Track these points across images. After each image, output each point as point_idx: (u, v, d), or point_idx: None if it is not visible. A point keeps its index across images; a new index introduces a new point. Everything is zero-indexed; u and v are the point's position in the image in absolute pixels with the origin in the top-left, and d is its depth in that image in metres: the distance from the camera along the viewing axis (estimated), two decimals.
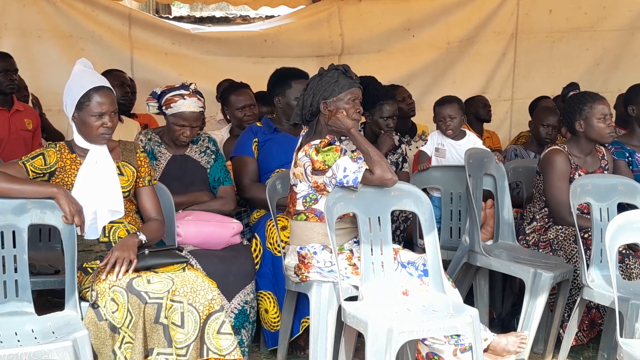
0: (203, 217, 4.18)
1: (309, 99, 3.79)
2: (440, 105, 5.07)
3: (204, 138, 4.53)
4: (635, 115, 4.80)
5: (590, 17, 7.86)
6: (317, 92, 3.77)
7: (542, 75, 7.75)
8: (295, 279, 3.80)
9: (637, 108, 4.79)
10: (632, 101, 4.83)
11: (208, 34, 7.43)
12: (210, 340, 3.30)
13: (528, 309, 4.01)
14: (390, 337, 3.23)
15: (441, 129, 5.03)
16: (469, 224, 4.44)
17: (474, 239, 4.35)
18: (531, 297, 4.01)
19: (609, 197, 4.04)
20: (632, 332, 3.35)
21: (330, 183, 3.64)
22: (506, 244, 4.51)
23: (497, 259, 4.26)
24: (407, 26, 7.49)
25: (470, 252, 4.39)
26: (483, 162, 4.58)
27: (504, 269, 4.23)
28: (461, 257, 4.47)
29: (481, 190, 4.54)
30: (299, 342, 4.17)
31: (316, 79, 3.81)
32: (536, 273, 4.00)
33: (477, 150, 4.70)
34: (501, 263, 4.23)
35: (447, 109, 5.01)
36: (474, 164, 4.50)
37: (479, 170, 4.53)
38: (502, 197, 4.58)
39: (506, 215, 4.55)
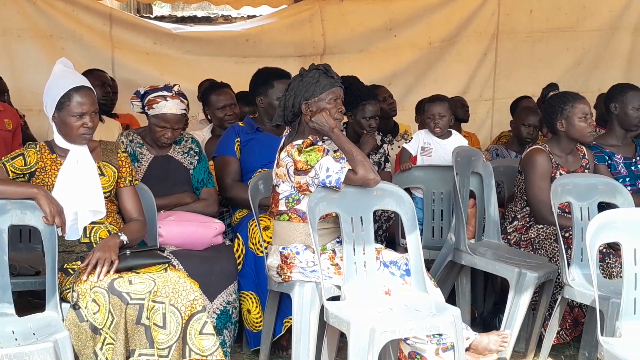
0: (185, 217, 4.16)
1: (290, 99, 3.78)
2: (431, 103, 5.07)
3: (187, 139, 4.51)
4: (617, 113, 4.80)
5: (570, 17, 7.91)
6: (298, 93, 3.76)
7: (523, 75, 7.78)
8: (278, 279, 3.80)
9: (621, 106, 4.78)
10: (616, 99, 4.80)
11: (190, 34, 7.41)
12: (193, 340, 3.29)
13: (511, 308, 4.02)
14: (373, 336, 3.23)
15: (429, 127, 5.02)
16: (455, 222, 4.44)
17: (460, 237, 4.35)
18: (515, 296, 4.02)
19: (590, 196, 4.06)
20: (612, 330, 3.37)
21: (313, 183, 3.64)
22: (491, 243, 4.52)
23: (482, 257, 4.27)
24: (389, 26, 7.50)
25: (455, 250, 4.40)
26: (470, 160, 4.58)
27: (488, 268, 4.24)
28: (446, 255, 4.47)
29: (468, 189, 4.55)
30: (282, 342, 4.16)
31: (297, 80, 3.80)
32: (521, 273, 4.01)
33: (465, 149, 4.70)
34: (486, 262, 4.24)
35: (438, 107, 5.02)
36: (462, 162, 4.50)
37: (467, 169, 4.53)
38: (489, 195, 4.58)
39: (492, 213, 4.56)
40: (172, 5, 11.45)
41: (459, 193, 4.38)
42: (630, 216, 3.41)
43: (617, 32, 8.04)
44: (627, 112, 4.76)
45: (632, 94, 4.79)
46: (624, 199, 4.04)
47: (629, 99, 4.76)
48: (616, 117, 4.82)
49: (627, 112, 4.76)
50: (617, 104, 4.79)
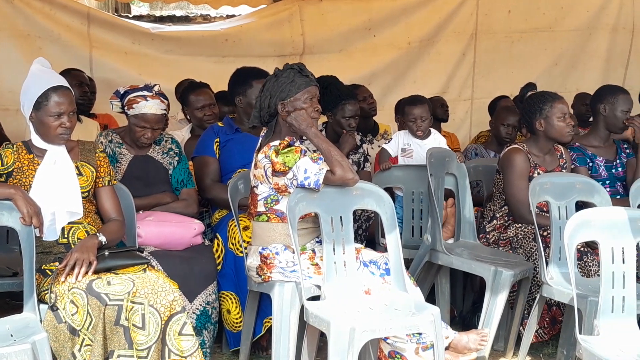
0: (164, 217, 4.15)
1: (266, 100, 3.76)
2: (411, 105, 5.07)
3: (167, 139, 4.50)
4: (607, 115, 4.80)
5: (548, 17, 7.96)
6: (274, 93, 3.74)
7: (502, 75, 7.83)
8: (258, 279, 3.79)
9: (611, 108, 4.77)
10: (606, 100, 4.79)
11: (168, 33, 7.38)
12: (172, 341, 3.28)
13: (489, 307, 4.05)
14: (353, 336, 3.23)
15: (411, 129, 5.02)
16: (431, 223, 4.47)
17: (436, 238, 4.38)
18: (492, 295, 4.05)
19: (567, 195, 4.09)
20: (590, 329, 3.39)
21: (292, 185, 3.63)
22: (467, 243, 4.55)
23: (458, 257, 4.29)
24: (368, 26, 7.52)
25: (432, 250, 4.42)
26: (445, 161, 4.61)
27: (465, 267, 4.27)
28: (423, 255, 4.49)
29: (443, 189, 4.57)
30: (262, 342, 4.16)
31: (272, 80, 3.78)
32: (497, 271, 4.03)
33: (438, 150, 4.73)
34: (462, 261, 4.27)
35: (419, 109, 5.03)
36: (436, 163, 4.53)
37: (441, 170, 4.56)
38: (464, 196, 4.62)
39: (467, 214, 4.59)
40: (150, 5, 11.41)
41: (434, 194, 4.40)
42: (608, 215, 3.43)
43: (594, 32, 8.10)
44: (617, 115, 4.77)
45: (623, 97, 4.82)
46: (602, 198, 4.07)
47: (619, 102, 4.78)
48: (604, 119, 4.81)
49: (616, 114, 4.77)
50: (606, 105, 4.78)
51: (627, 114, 4.79)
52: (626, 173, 4.81)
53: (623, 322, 3.29)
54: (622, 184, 4.82)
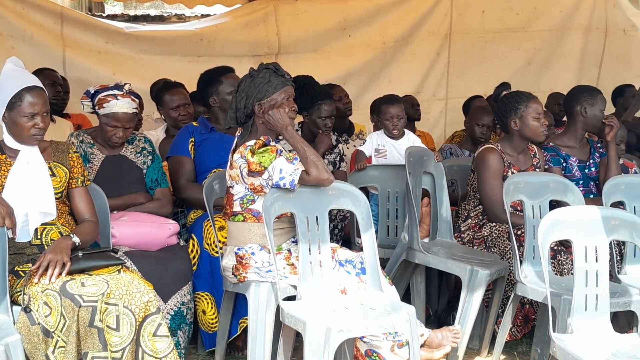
0: (138, 218, 4.12)
1: (242, 100, 3.75)
2: (387, 105, 5.08)
3: (139, 138, 4.47)
4: (587, 115, 4.81)
5: (521, 17, 8.02)
6: (250, 94, 3.72)
7: (476, 75, 7.87)
8: (233, 280, 3.78)
9: (590, 108, 4.79)
10: (585, 100, 4.80)
11: (142, 33, 7.34)
12: (146, 343, 3.26)
13: (464, 306, 4.06)
14: (329, 335, 3.23)
15: (387, 128, 5.03)
16: (408, 222, 4.48)
17: (413, 237, 4.38)
18: (467, 293, 4.06)
19: (541, 194, 4.12)
20: (564, 327, 3.42)
21: (267, 185, 3.63)
22: (444, 242, 4.56)
23: (435, 256, 4.31)
24: (343, 26, 7.53)
25: (409, 249, 4.43)
26: (422, 160, 4.62)
27: (441, 266, 4.28)
28: (400, 254, 4.50)
29: (420, 188, 4.58)
30: (237, 343, 4.15)
31: (247, 80, 3.76)
32: (473, 270, 4.05)
33: (416, 149, 4.73)
34: (439, 260, 4.28)
35: (395, 108, 5.04)
36: (414, 162, 4.53)
37: (419, 168, 4.56)
38: (441, 195, 4.62)
39: (444, 213, 4.60)
40: (124, 4, 11.33)
41: (412, 192, 4.41)
42: (581, 214, 3.46)
43: (567, 33, 8.17)
44: (597, 115, 4.80)
45: (601, 97, 4.85)
46: (575, 196, 4.11)
47: (599, 102, 4.81)
48: (584, 119, 4.81)
49: (596, 114, 4.79)
50: (586, 106, 4.79)
51: (603, 114, 4.84)
52: (599, 172, 4.85)
53: (596, 320, 3.31)
54: (595, 183, 4.86)
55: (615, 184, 4.20)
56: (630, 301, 3.67)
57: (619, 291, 3.72)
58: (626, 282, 3.96)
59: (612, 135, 4.74)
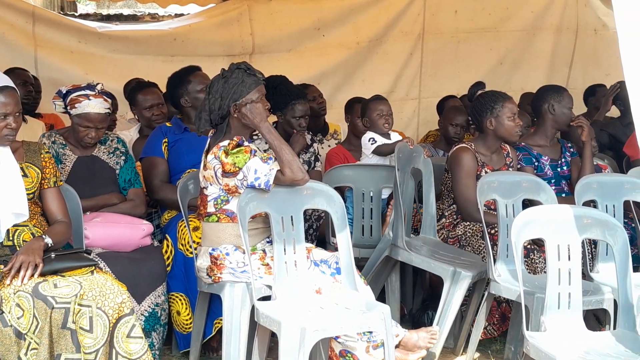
0: (112, 218, 4.10)
1: (216, 102, 3.71)
2: (376, 102, 5.06)
3: (112, 138, 4.44)
4: (556, 113, 4.86)
5: (493, 17, 8.07)
6: (225, 95, 3.69)
7: (448, 75, 7.91)
8: (208, 280, 3.77)
9: (558, 106, 4.83)
10: (552, 99, 4.84)
11: (115, 32, 7.28)
12: (120, 344, 3.24)
13: (444, 306, 4.06)
14: (304, 335, 3.23)
15: (378, 125, 4.97)
16: (394, 218, 4.44)
17: (398, 234, 4.36)
18: (449, 294, 4.05)
19: (514, 193, 4.15)
20: (537, 325, 3.44)
21: (242, 185, 3.62)
22: (427, 239, 4.53)
23: (418, 254, 4.27)
24: (317, 26, 7.53)
25: (392, 245, 4.40)
26: (412, 156, 4.60)
27: (424, 265, 4.26)
28: (383, 249, 4.46)
29: (408, 185, 4.57)
30: (212, 343, 4.14)
31: (220, 82, 3.73)
32: (455, 272, 4.04)
33: (406, 145, 4.70)
34: (422, 259, 4.25)
35: (384, 105, 5.03)
36: (403, 158, 4.51)
37: (408, 164, 4.55)
38: (428, 192, 4.58)
39: (430, 209, 4.57)
40: (97, 3, 11.26)
41: (400, 188, 4.39)
42: (554, 213, 3.49)
43: (539, 33, 8.23)
44: (564, 112, 4.84)
45: (567, 94, 4.90)
46: (547, 195, 4.14)
47: (565, 99, 4.86)
48: (552, 117, 4.86)
49: (564, 111, 4.84)
50: (554, 104, 4.83)
51: (571, 111, 4.88)
52: (571, 172, 4.89)
53: (569, 318, 3.34)
54: (567, 182, 4.90)
55: (588, 182, 4.24)
56: (603, 299, 3.70)
57: (591, 289, 3.75)
58: (598, 280, 4.00)
59: (585, 135, 4.79)
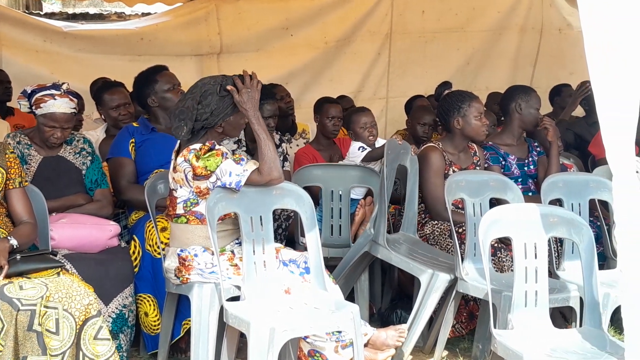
0: (78, 219, 4.06)
1: (204, 115, 3.62)
2: (359, 114, 5.04)
3: (78, 139, 4.40)
4: (523, 113, 4.90)
5: (460, 18, 8.13)
6: (216, 112, 3.62)
7: (416, 74, 7.95)
8: (176, 281, 3.75)
9: (526, 106, 4.87)
10: (520, 99, 4.88)
11: (81, 32, 7.23)
12: (87, 346, 3.22)
13: (419, 307, 4.05)
14: (273, 336, 3.23)
15: (362, 137, 4.95)
16: (377, 215, 4.42)
17: (379, 231, 4.33)
18: (424, 295, 4.04)
19: (482, 192, 4.17)
20: (505, 323, 3.47)
21: (214, 186, 3.60)
22: (407, 237, 4.52)
23: (397, 254, 4.25)
24: (286, 25, 7.53)
25: (372, 242, 4.37)
26: (400, 153, 4.59)
27: (403, 265, 4.24)
28: (362, 244, 4.44)
29: (393, 181, 4.56)
30: (180, 344, 4.11)
31: (215, 97, 3.62)
32: (434, 274, 4.03)
33: (395, 142, 4.68)
34: (400, 259, 4.23)
35: (367, 117, 5.00)
36: (392, 155, 4.49)
37: (395, 161, 4.53)
38: (412, 189, 4.57)
39: (414, 207, 4.55)
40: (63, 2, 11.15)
41: (385, 185, 4.38)
42: (520, 211, 3.52)
43: (504, 33, 8.32)
44: (532, 112, 4.89)
45: (535, 95, 4.95)
46: (514, 194, 4.17)
47: (533, 99, 4.90)
48: (519, 117, 4.90)
49: (531, 111, 4.89)
50: (521, 104, 4.87)
51: (538, 112, 4.93)
52: (538, 171, 4.94)
53: (536, 315, 3.37)
54: (533, 181, 4.95)
55: (554, 181, 4.28)
56: (569, 297, 3.74)
57: (558, 287, 3.79)
58: (564, 278, 4.04)
59: (551, 135, 4.84)
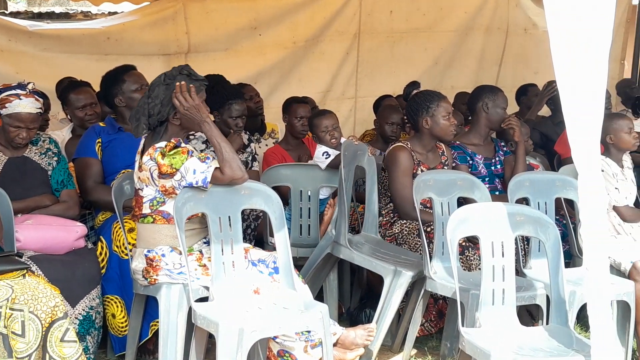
0: (44, 220, 4.02)
1: (156, 107, 3.66)
2: (320, 117, 4.98)
3: (44, 139, 4.35)
4: (489, 112, 4.94)
5: (428, 18, 8.17)
6: (165, 102, 3.65)
7: (384, 74, 7.98)
8: (144, 282, 3.72)
9: (492, 105, 4.91)
10: (487, 98, 4.93)
11: (47, 31, 7.14)
12: (53, 348, 3.19)
13: (384, 305, 4.08)
14: (242, 336, 3.22)
15: (324, 140, 4.91)
16: (338, 216, 4.43)
17: (340, 231, 4.35)
18: (389, 293, 4.07)
19: (449, 191, 4.20)
20: (472, 321, 3.50)
21: (180, 186, 3.58)
22: (369, 237, 4.54)
23: (360, 253, 4.28)
24: (254, 25, 7.51)
25: (334, 243, 4.39)
26: (357, 154, 4.61)
27: (365, 263, 4.27)
28: (325, 246, 4.46)
29: (352, 182, 4.58)
30: (148, 346, 4.09)
31: (161, 87, 3.68)
32: (396, 271, 4.06)
33: (351, 143, 4.69)
34: (363, 258, 4.25)
35: (329, 119, 4.94)
36: (349, 156, 4.51)
37: (353, 162, 4.55)
38: (371, 190, 4.59)
39: (373, 207, 4.58)
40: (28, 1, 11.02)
41: (344, 186, 4.39)
42: (488, 210, 3.55)
43: (471, 33, 8.38)
44: (498, 111, 4.93)
45: (502, 95, 5.00)
46: (482, 193, 4.21)
47: (500, 99, 4.95)
48: (486, 116, 4.95)
49: (497, 111, 4.93)
50: (488, 103, 4.92)
51: (504, 111, 4.98)
52: (504, 170, 4.99)
53: (503, 313, 3.41)
54: (500, 180, 4.99)
55: (520, 180, 4.32)
56: (536, 295, 3.78)
57: (525, 285, 3.83)
58: (531, 276, 4.08)
59: (517, 134, 4.89)
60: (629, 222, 4.55)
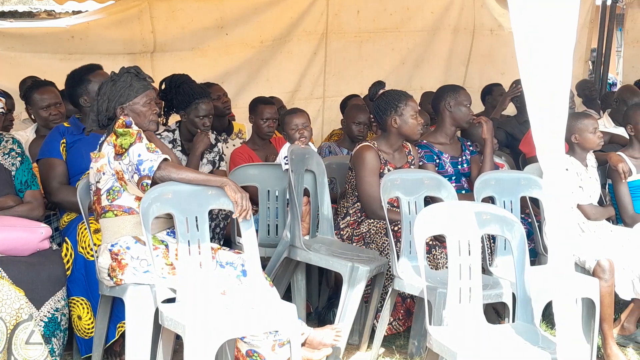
0: (7, 222, 3.96)
1: (104, 104, 3.81)
2: (291, 115, 4.99)
3: (7, 139, 4.30)
4: (452, 111, 4.98)
5: (395, 18, 8.21)
6: (112, 98, 3.79)
7: (352, 74, 8.00)
8: (110, 283, 3.69)
9: (455, 103, 4.95)
10: (450, 97, 4.97)
11: (10, 30, 7.07)
12: (19, 351, 3.15)
13: (345, 302, 4.10)
14: (209, 337, 3.21)
15: (293, 138, 4.93)
16: (290, 219, 4.47)
17: (295, 234, 4.38)
18: (348, 290, 4.10)
19: (416, 190, 4.23)
20: (439, 319, 3.52)
21: (128, 170, 3.59)
22: (325, 239, 4.58)
23: (316, 253, 4.31)
24: (221, 24, 7.48)
25: (291, 246, 4.43)
26: (304, 158, 4.63)
27: (322, 263, 4.30)
28: (282, 251, 4.48)
29: (302, 186, 4.59)
30: (115, 348, 4.05)
31: (108, 84, 3.82)
32: (353, 267, 4.09)
33: (298, 147, 4.72)
34: (320, 257, 4.29)
35: (300, 118, 4.95)
36: (296, 160, 4.53)
37: (301, 166, 4.57)
38: (322, 193, 4.63)
39: (325, 211, 4.61)
40: None
41: (294, 190, 4.42)
42: (454, 209, 3.57)
43: (437, 33, 8.44)
44: (462, 109, 4.98)
45: (463, 92, 5.05)
46: (448, 192, 4.24)
47: (462, 97, 4.99)
48: (450, 114, 4.99)
49: (461, 108, 4.98)
50: (451, 102, 4.97)
51: (468, 108, 5.02)
52: (471, 169, 5.02)
53: (470, 312, 3.43)
54: (466, 179, 5.03)
55: (486, 179, 4.36)
56: (502, 293, 3.82)
57: (491, 284, 3.86)
58: (497, 274, 4.11)
59: (485, 131, 4.93)
60: (592, 220, 4.62)
